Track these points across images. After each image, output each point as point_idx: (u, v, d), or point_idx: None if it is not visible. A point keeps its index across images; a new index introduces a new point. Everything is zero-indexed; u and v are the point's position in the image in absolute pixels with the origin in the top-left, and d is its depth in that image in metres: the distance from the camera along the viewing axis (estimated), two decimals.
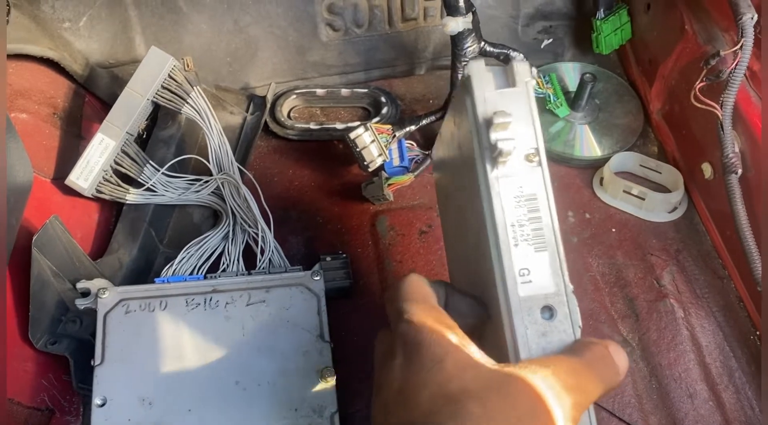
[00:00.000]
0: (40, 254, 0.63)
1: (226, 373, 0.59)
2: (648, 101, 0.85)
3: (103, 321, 0.62)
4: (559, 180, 0.81)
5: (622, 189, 0.77)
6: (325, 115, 0.90)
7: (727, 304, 0.69)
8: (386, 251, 0.76)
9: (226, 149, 0.75)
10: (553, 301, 0.42)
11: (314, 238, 0.78)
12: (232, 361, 0.60)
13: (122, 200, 0.74)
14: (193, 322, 0.62)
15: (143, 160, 0.74)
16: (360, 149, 0.77)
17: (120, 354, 0.60)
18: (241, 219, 0.72)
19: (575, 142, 0.82)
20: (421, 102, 0.90)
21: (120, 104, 0.73)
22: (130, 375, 0.59)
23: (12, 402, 0.61)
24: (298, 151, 0.86)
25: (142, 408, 0.58)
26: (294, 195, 0.82)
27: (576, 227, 0.77)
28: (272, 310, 0.63)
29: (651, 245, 0.75)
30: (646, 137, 0.85)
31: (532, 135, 0.45)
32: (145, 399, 0.58)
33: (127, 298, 0.63)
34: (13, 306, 0.64)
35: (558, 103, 0.82)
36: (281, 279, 0.65)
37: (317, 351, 0.61)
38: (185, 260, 0.70)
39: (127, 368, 0.60)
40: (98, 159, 0.72)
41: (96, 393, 0.59)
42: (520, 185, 0.44)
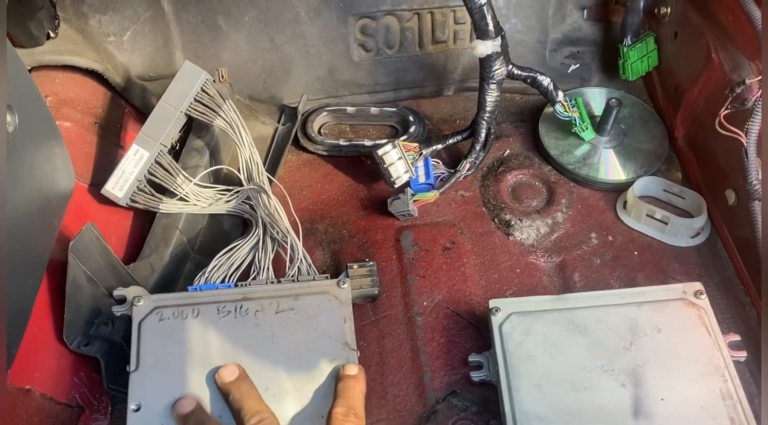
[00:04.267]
0: (76, 259, 0.65)
1: (255, 380, 0.61)
2: (673, 127, 0.86)
3: (138, 328, 0.64)
4: (583, 202, 0.82)
5: (646, 212, 0.78)
6: (354, 132, 0.92)
7: (748, 330, 0.69)
8: (410, 266, 0.78)
9: (256, 160, 0.78)
10: None
11: (340, 251, 0.80)
12: (261, 368, 0.61)
13: (155, 209, 0.76)
14: (224, 330, 0.64)
15: (176, 170, 0.76)
16: (387, 165, 0.79)
17: (154, 361, 0.62)
18: (271, 228, 0.74)
19: (600, 165, 0.83)
20: (448, 122, 0.92)
21: (154, 116, 0.76)
22: (164, 382, 0.61)
23: (45, 398, 0.63)
24: (327, 166, 0.88)
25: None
26: (322, 208, 0.84)
27: (599, 249, 0.78)
28: (300, 318, 0.65)
29: (673, 269, 0.76)
30: (670, 163, 0.86)
31: None
32: None
33: (161, 306, 0.65)
34: (50, 307, 0.66)
35: (584, 126, 0.83)
36: (309, 287, 0.67)
37: (344, 359, 0.62)
38: (216, 268, 0.72)
39: (161, 374, 0.61)
40: (133, 169, 0.74)
41: (131, 398, 0.60)
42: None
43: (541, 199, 0.83)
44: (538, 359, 0.64)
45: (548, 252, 0.78)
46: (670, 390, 0.61)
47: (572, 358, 0.64)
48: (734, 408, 0.59)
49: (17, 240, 0.56)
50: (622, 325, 0.65)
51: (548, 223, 0.80)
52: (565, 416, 0.60)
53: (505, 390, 0.63)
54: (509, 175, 0.85)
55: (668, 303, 0.66)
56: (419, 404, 0.68)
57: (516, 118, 0.91)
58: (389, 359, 0.71)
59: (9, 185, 0.54)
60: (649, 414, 0.60)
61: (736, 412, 0.59)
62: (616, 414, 0.60)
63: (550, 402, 0.61)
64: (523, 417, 0.61)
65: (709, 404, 0.60)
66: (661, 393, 0.61)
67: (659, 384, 0.61)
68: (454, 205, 0.83)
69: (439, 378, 0.70)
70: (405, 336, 0.73)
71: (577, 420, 0.60)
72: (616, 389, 0.61)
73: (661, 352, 0.63)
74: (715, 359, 0.62)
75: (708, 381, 0.61)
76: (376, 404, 0.68)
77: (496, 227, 0.81)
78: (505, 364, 0.64)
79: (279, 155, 0.85)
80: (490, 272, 0.77)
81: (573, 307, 0.67)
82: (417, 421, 0.67)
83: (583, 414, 0.60)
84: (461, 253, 0.79)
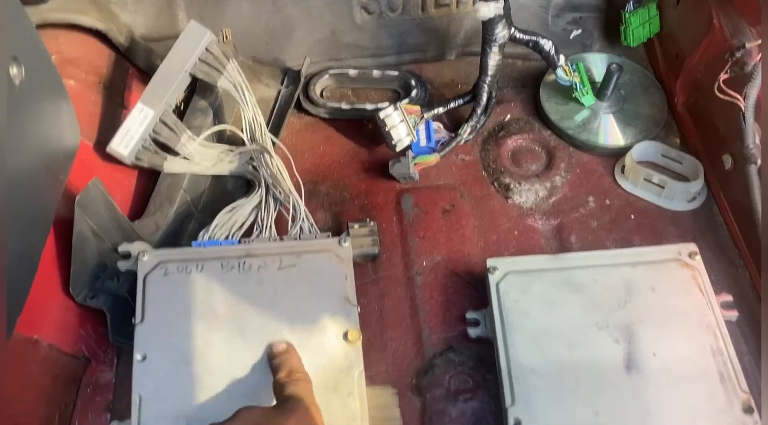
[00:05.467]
0: (83, 213, 0.66)
1: (258, 333, 0.62)
2: (673, 94, 0.87)
3: (143, 282, 0.65)
4: (582, 166, 0.83)
5: (643, 177, 0.79)
6: (356, 95, 0.92)
7: (741, 291, 0.71)
8: (410, 227, 0.79)
9: (259, 121, 0.78)
10: None
11: (341, 213, 0.81)
12: (264, 322, 0.63)
13: (160, 168, 0.77)
14: (227, 285, 0.65)
15: (181, 129, 0.77)
16: (389, 128, 0.80)
17: (159, 314, 0.64)
18: (273, 188, 0.75)
19: (599, 130, 0.84)
20: (449, 87, 0.92)
21: (159, 76, 0.76)
22: (169, 333, 0.62)
23: (52, 348, 0.65)
24: (328, 129, 0.89)
25: (179, 364, 0.61)
26: (323, 170, 0.85)
27: (596, 212, 0.79)
28: (302, 274, 0.66)
29: (669, 232, 0.77)
30: (669, 129, 0.86)
31: None
32: (182, 356, 0.61)
33: (166, 261, 0.67)
34: (56, 261, 0.67)
35: (584, 91, 0.84)
36: (311, 245, 0.68)
37: (345, 314, 0.64)
38: (220, 226, 0.73)
39: (166, 326, 0.63)
40: (138, 128, 0.75)
41: (137, 349, 0.62)
42: None
43: (541, 163, 0.84)
44: (534, 316, 0.66)
45: (546, 215, 0.80)
46: (662, 346, 0.62)
47: (568, 315, 0.65)
48: (724, 364, 0.61)
49: (24, 192, 0.57)
50: (617, 284, 0.66)
51: (547, 187, 0.81)
52: (559, 370, 0.62)
53: (501, 345, 0.64)
54: (509, 140, 0.85)
55: (663, 263, 0.68)
56: (417, 358, 0.70)
57: (517, 84, 0.92)
58: (389, 316, 0.73)
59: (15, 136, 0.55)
60: (641, 369, 0.61)
61: (725, 368, 0.61)
62: (609, 368, 0.62)
63: (545, 356, 0.63)
64: (519, 370, 0.62)
65: (699, 359, 0.62)
66: (654, 349, 0.62)
67: (652, 341, 0.63)
68: (454, 168, 0.84)
69: (437, 335, 0.71)
70: (404, 295, 0.75)
71: (572, 373, 0.62)
72: (610, 345, 0.63)
73: (654, 310, 0.65)
74: (707, 317, 0.64)
75: (699, 338, 0.63)
76: (375, 358, 0.70)
77: (495, 190, 0.82)
78: (502, 321, 0.66)
79: (282, 117, 0.86)
80: (489, 234, 0.78)
81: (569, 267, 0.68)
82: (415, 374, 0.69)
83: (578, 368, 0.62)
84: (461, 216, 0.80)
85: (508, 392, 0.62)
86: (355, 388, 0.61)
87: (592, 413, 0.60)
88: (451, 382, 0.68)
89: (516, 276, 0.68)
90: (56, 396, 0.66)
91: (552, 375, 0.62)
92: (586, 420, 0.59)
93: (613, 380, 0.61)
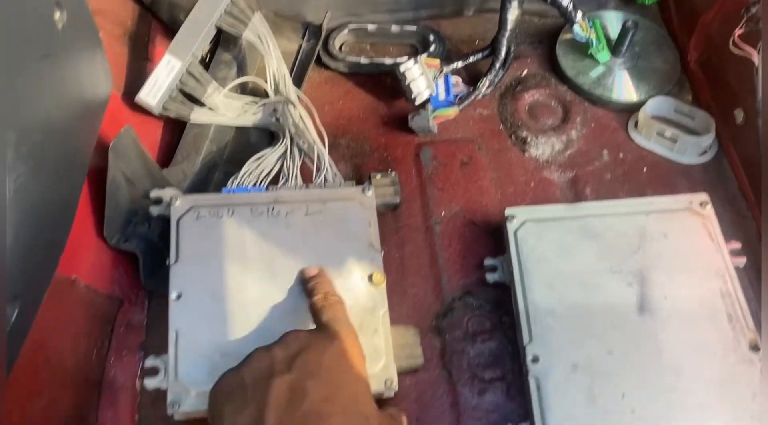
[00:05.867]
0: (116, 159, 0.68)
1: (287, 275, 0.65)
2: (686, 51, 0.89)
3: (177, 225, 0.68)
4: (596, 121, 0.85)
5: (656, 131, 0.81)
6: (375, 50, 0.94)
7: (747, 239, 0.73)
8: (429, 179, 0.81)
9: (283, 72, 0.80)
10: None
11: (362, 165, 0.83)
12: (293, 265, 0.66)
13: (186, 119, 0.79)
14: (256, 229, 0.68)
15: (207, 80, 0.79)
16: (408, 82, 0.82)
17: (192, 254, 0.66)
18: (297, 138, 0.77)
19: (614, 86, 0.86)
20: (467, 43, 0.94)
21: (186, 27, 0.78)
22: (202, 273, 0.65)
23: (89, 288, 0.68)
24: (348, 84, 0.91)
25: (213, 302, 0.64)
26: (343, 124, 0.87)
27: (609, 165, 0.81)
28: (328, 221, 0.69)
29: (680, 185, 0.79)
30: (681, 86, 0.88)
31: None
32: (215, 293, 0.64)
33: (198, 206, 0.69)
34: (90, 206, 0.70)
35: (600, 47, 0.85)
36: (336, 193, 0.71)
37: (369, 258, 0.67)
38: (248, 174, 0.75)
39: (200, 266, 0.66)
40: (165, 79, 0.77)
41: (173, 287, 0.65)
42: None
43: (557, 117, 0.86)
44: (551, 261, 0.68)
45: (562, 167, 0.82)
46: (673, 289, 0.65)
47: (583, 260, 0.68)
48: (732, 306, 0.64)
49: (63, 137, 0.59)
50: (631, 231, 0.69)
51: (563, 141, 0.83)
52: (574, 311, 0.65)
53: (519, 289, 0.67)
54: (526, 94, 0.87)
55: (675, 212, 0.70)
56: (437, 303, 0.73)
57: (534, 40, 0.93)
58: (409, 263, 0.76)
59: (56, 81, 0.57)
60: (653, 310, 0.64)
61: (734, 309, 0.64)
62: (622, 309, 0.65)
63: (561, 298, 0.66)
64: (536, 311, 0.66)
65: (709, 302, 0.65)
66: (665, 292, 0.65)
67: (664, 284, 0.66)
68: (472, 122, 0.86)
69: (456, 281, 0.74)
70: (424, 243, 0.77)
71: (586, 314, 0.65)
72: (623, 288, 0.66)
73: (666, 256, 0.67)
74: (717, 262, 0.67)
75: (709, 282, 0.66)
76: (397, 302, 0.72)
77: (512, 144, 0.84)
78: (519, 266, 0.69)
79: (303, 71, 0.87)
80: (506, 186, 0.81)
81: (585, 215, 0.71)
82: (435, 317, 0.72)
83: (592, 309, 0.65)
84: (478, 168, 0.82)
85: (526, 331, 0.65)
86: (380, 327, 0.64)
87: (605, 351, 0.63)
88: (470, 324, 0.72)
89: (533, 224, 0.71)
90: (93, 334, 0.69)
91: (567, 315, 0.65)
92: (600, 357, 0.63)
93: (626, 321, 0.64)
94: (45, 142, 0.53)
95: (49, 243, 0.57)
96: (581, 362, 0.63)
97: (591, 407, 0.60)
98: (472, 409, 0.67)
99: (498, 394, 0.68)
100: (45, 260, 0.57)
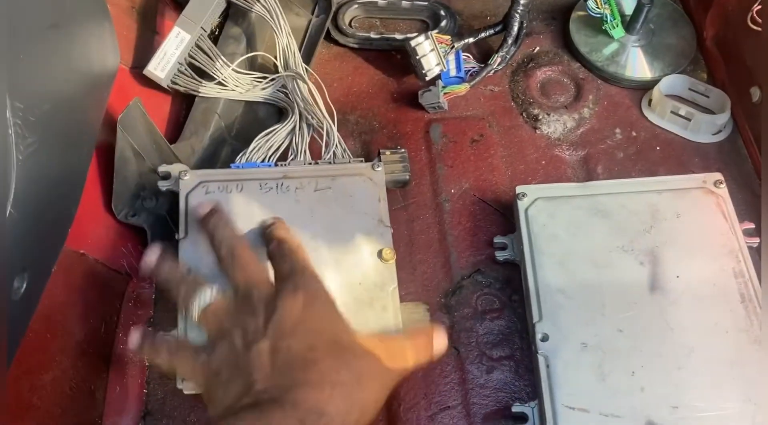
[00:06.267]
0: (124, 132, 0.68)
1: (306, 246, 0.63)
2: (702, 29, 0.87)
3: (186, 200, 0.67)
4: (609, 99, 0.84)
5: (670, 109, 0.80)
6: (385, 26, 0.93)
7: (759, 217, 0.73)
8: (438, 156, 0.81)
9: (293, 48, 0.79)
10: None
11: (370, 142, 0.83)
12: (302, 241, 0.64)
13: (195, 93, 0.78)
14: (266, 204, 0.67)
15: (216, 55, 0.78)
16: (419, 57, 0.81)
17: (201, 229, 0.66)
18: (306, 113, 0.77)
19: (627, 63, 0.84)
20: (478, 18, 0.92)
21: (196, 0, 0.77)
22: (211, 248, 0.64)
23: (97, 262, 0.68)
24: (357, 59, 0.89)
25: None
26: (352, 100, 0.86)
27: (622, 143, 0.80)
28: (337, 196, 0.68)
29: (693, 163, 0.78)
30: (696, 64, 0.87)
31: None
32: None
33: (207, 181, 0.68)
34: (99, 180, 0.69)
35: (614, 23, 0.84)
36: (345, 169, 0.70)
37: (378, 234, 0.66)
38: (256, 149, 0.75)
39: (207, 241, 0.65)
40: (174, 51, 0.76)
41: (181, 262, 0.64)
42: None
43: (569, 95, 0.85)
44: (562, 239, 0.68)
45: (573, 145, 0.81)
46: (685, 268, 0.65)
47: (594, 239, 0.67)
48: (745, 285, 0.64)
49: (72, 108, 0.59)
50: (643, 210, 0.68)
51: (575, 118, 0.82)
52: (585, 289, 0.65)
53: (529, 267, 0.67)
54: (538, 71, 0.86)
55: (688, 191, 0.69)
56: (446, 280, 0.73)
57: (546, 16, 0.91)
58: (418, 240, 0.75)
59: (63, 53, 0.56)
60: (665, 289, 0.64)
61: (746, 288, 0.63)
62: (634, 288, 0.64)
63: (572, 277, 0.65)
64: (546, 289, 0.65)
65: (721, 281, 0.64)
66: (677, 271, 0.65)
67: (676, 263, 0.65)
68: (483, 99, 0.85)
69: (465, 258, 0.74)
70: (433, 220, 0.77)
71: (597, 293, 0.64)
72: (635, 266, 0.65)
73: (679, 235, 0.67)
74: (730, 242, 0.66)
75: (722, 262, 0.65)
76: (405, 279, 0.72)
77: (524, 121, 0.83)
78: (530, 244, 0.68)
79: (312, 47, 0.86)
80: (517, 163, 0.80)
81: (597, 193, 0.70)
82: (443, 295, 0.72)
83: (603, 288, 0.64)
84: (489, 145, 0.81)
85: (536, 309, 0.64)
86: (389, 302, 0.63)
87: (615, 330, 0.62)
88: (479, 302, 0.71)
89: (544, 202, 0.70)
90: (101, 308, 0.69)
91: (578, 294, 0.65)
92: (610, 336, 0.62)
93: (637, 300, 0.64)
94: (53, 113, 0.52)
95: (58, 214, 0.56)
96: (591, 340, 0.62)
97: (600, 385, 0.60)
98: (480, 387, 0.67)
99: (506, 373, 0.68)
100: (54, 232, 0.56)
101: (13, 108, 0.46)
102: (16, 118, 0.46)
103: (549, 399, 0.60)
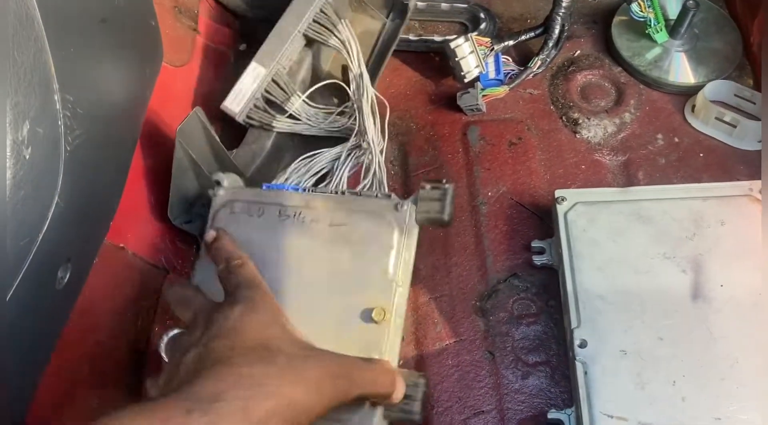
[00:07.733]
0: (183, 142, 0.68)
1: (294, 290, 0.61)
2: (748, 34, 0.85)
3: (212, 218, 0.67)
4: (651, 104, 0.82)
5: (714, 116, 0.78)
6: (423, 28, 0.92)
7: None
8: (475, 158, 0.80)
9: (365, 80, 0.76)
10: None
11: (407, 143, 0.83)
12: (304, 275, 0.62)
13: (270, 128, 0.79)
14: (279, 234, 0.64)
15: (291, 90, 0.78)
16: (458, 59, 0.80)
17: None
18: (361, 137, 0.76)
19: (671, 68, 0.83)
20: (518, 21, 0.92)
21: (274, 35, 0.78)
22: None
23: (136, 256, 0.69)
24: (395, 61, 0.89)
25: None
26: (390, 101, 0.85)
27: (664, 149, 0.79)
28: (349, 236, 0.62)
29: (738, 171, 0.76)
30: (742, 69, 0.85)
31: None
32: None
33: (234, 200, 0.67)
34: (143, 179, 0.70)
35: (658, 28, 0.82)
36: (365, 204, 0.64)
37: (379, 289, 0.59)
38: (295, 171, 0.75)
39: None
40: (250, 86, 0.77)
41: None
42: None
43: (610, 99, 0.84)
44: (602, 244, 0.67)
45: (614, 150, 0.80)
46: (729, 277, 0.63)
47: (635, 245, 0.66)
48: None
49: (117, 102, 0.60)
50: (686, 217, 0.67)
51: (616, 123, 0.81)
52: (625, 296, 0.63)
53: (568, 272, 0.66)
54: (579, 75, 0.85)
55: (733, 198, 0.68)
56: (481, 283, 0.72)
57: (588, 20, 0.90)
58: (453, 242, 0.75)
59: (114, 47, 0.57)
60: (708, 298, 0.62)
61: None
62: (675, 296, 0.63)
63: (612, 283, 0.64)
64: (585, 295, 0.64)
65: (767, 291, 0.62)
66: (721, 280, 0.63)
67: (719, 272, 0.64)
68: (522, 102, 0.84)
69: (501, 262, 0.73)
70: (469, 223, 0.76)
71: (638, 299, 0.63)
72: (677, 274, 0.64)
73: (723, 243, 0.65)
74: None
75: None
76: (440, 281, 0.72)
77: (563, 125, 0.82)
78: (569, 248, 0.67)
79: (383, 55, 0.84)
80: (555, 167, 0.79)
81: (638, 199, 0.69)
82: (478, 298, 0.71)
83: (643, 295, 0.63)
84: (527, 148, 0.80)
85: (574, 315, 0.63)
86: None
87: (656, 337, 0.61)
88: (515, 306, 0.70)
89: (584, 206, 0.69)
90: (139, 302, 0.70)
91: (618, 300, 0.63)
92: (651, 343, 0.61)
93: (679, 308, 0.62)
94: (100, 106, 0.53)
95: (101, 207, 0.57)
96: (630, 348, 0.61)
97: (640, 393, 0.59)
98: (515, 392, 0.66)
99: (542, 378, 0.67)
100: (96, 224, 0.57)
101: (63, 100, 0.47)
102: (65, 109, 0.47)
103: (586, 406, 0.59)
